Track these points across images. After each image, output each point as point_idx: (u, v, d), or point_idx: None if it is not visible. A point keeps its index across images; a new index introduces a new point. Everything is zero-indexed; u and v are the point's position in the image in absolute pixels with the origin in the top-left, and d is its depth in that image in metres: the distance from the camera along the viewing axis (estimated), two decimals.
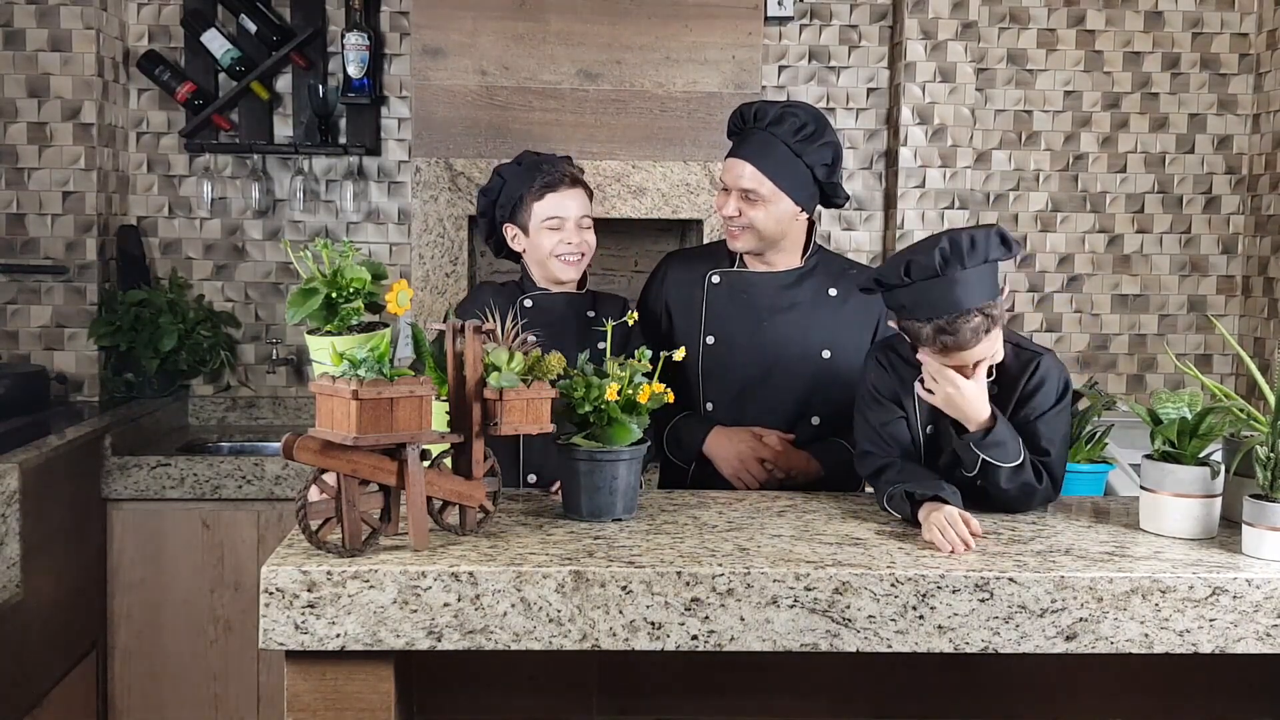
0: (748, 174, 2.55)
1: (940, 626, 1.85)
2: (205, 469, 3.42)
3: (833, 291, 2.66)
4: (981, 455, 2.15)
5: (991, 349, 2.17)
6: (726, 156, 2.61)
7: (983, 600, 1.85)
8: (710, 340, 2.64)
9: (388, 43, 4.01)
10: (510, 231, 2.71)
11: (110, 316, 3.74)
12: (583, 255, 2.67)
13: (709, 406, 2.65)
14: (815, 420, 2.64)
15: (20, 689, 2.93)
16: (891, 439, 2.28)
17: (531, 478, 2.61)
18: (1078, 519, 2.23)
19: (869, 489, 2.39)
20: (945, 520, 2.00)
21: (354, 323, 1.95)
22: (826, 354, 2.63)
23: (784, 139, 2.56)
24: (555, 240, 2.64)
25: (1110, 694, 2.12)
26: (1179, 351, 4.23)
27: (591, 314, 2.69)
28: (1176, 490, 2.09)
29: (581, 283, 2.74)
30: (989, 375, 2.22)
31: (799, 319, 2.64)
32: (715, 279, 2.69)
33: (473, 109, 3.56)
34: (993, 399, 2.21)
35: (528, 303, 2.65)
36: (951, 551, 1.96)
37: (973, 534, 2.00)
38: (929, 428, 2.28)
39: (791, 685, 2.09)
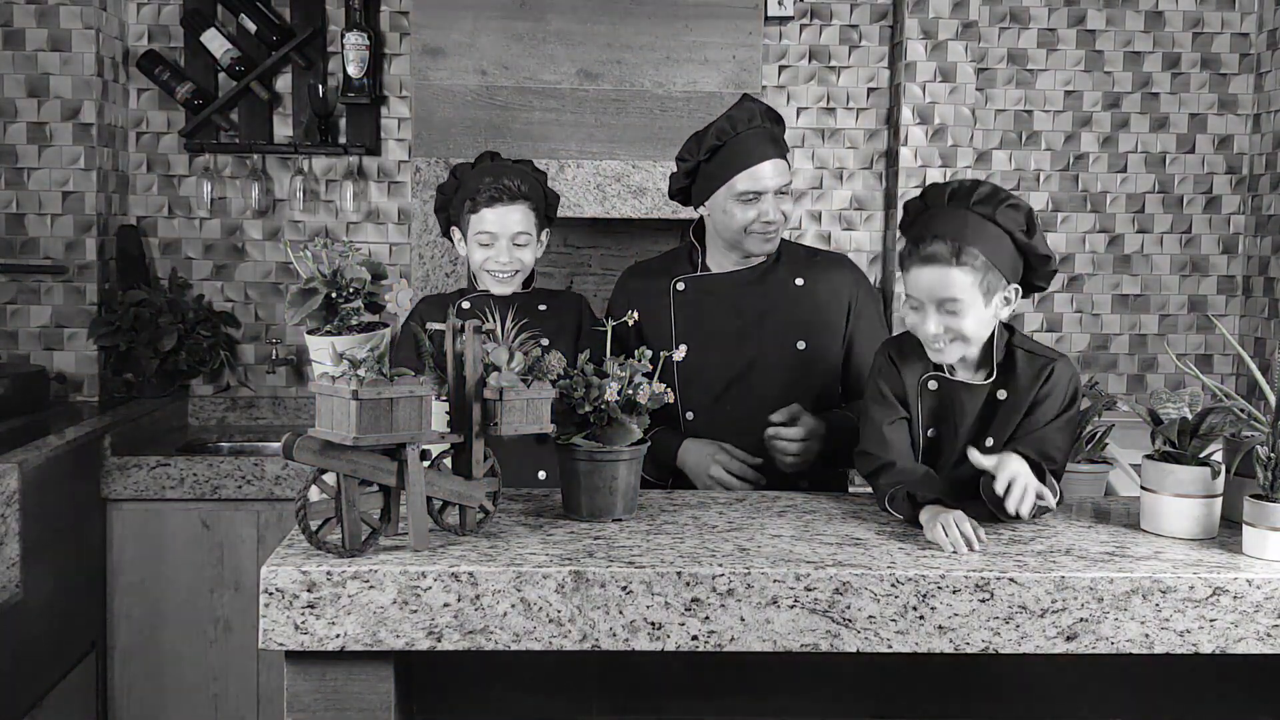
0: (786, 170, 2.59)
1: (940, 627, 1.85)
2: (205, 469, 3.42)
3: (799, 281, 2.66)
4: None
5: (957, 289, 2.11)
6: (747, 165, 2.55)
7: (983, 600, 1.85)
8: (683, 348, 2.62)
9: (388, 42, 4.01)
10: (455, 235, 2.75)
11: (110, 316, 3.74)
12: (515, 273, 2.67)
13: (689, 416, 2.64)
14: None
15: (20, 689, 2.93)
16: (893, 439, 2.25)
17: (542, 474, 2.61)
18: (1078, 519, 2.23)
19: (866, 488, 2.39)
20: (952, 520, 2.00)
21: (354, 323, 1.95)
22: (802, 345, 2.62)
23: (773, 129, 2.61)
24: (485, 256, 2.66)
25: (1110, 694, 2.12)
26: (1179, 351, 4.23)
27: (543, 308, 2.69)
28: (1177, 491, 2.08)
29: (527, 282, 2.75)
30: (990, 375, 2.22)
31: (770, 314, 2.63)
32: (681, 286, 2.67)
33: (473, 109, 3.56)
34: (1003, 404, 2.20)
35: (465, 304, 2.65)
36: (954, 551, 1.96)
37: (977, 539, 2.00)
38: (930, 430, 2.27)
39: (791, 685, 2.09)
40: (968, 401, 2.22)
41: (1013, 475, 2.04)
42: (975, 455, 2.09)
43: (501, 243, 2.64)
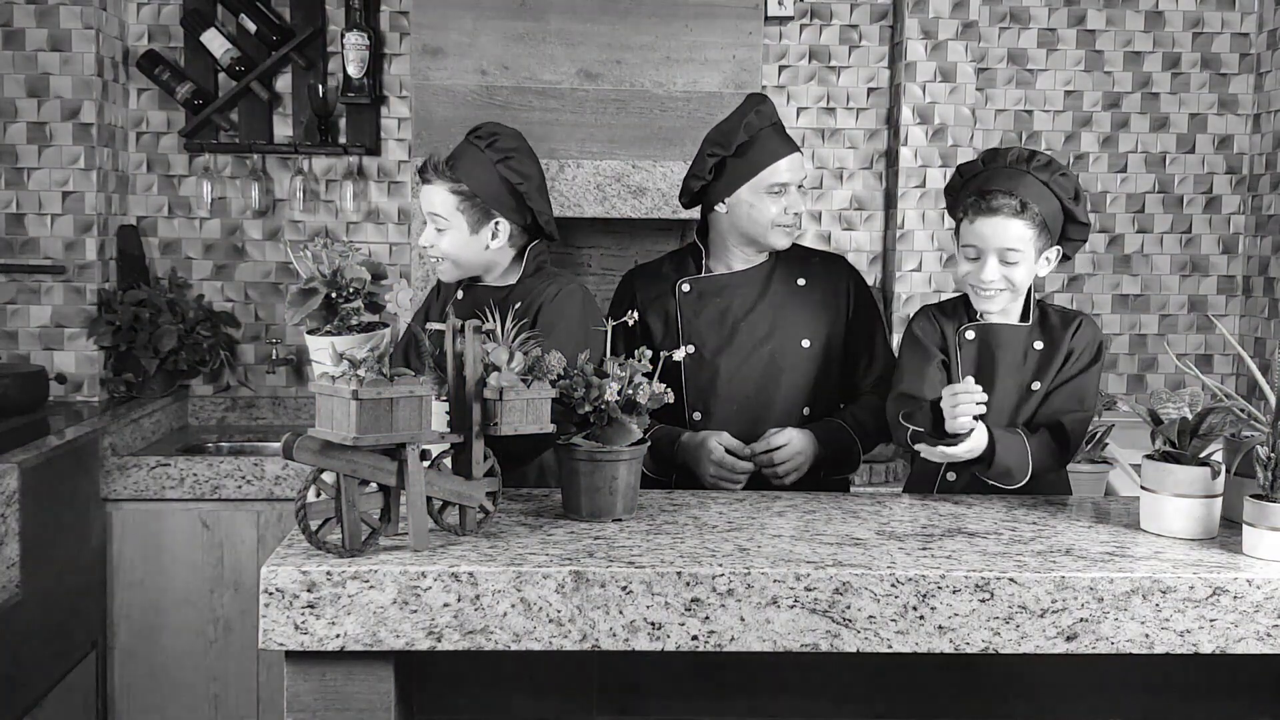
0: (803, 165, 2.65)
1: (941, 627, 1.85)
2: (205, 469, 3.42)
3: (801, 281, 2.69)
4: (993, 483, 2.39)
5: (1017, 239, 2.33)
6: (777, 159, 2.58)
7: (983, 600, 1.85)
8: (690, 349, 2.63)
9: (388, 42, 4.01)
10: None
11: (110, 316, 3.74)
12: (442, 260, 2.49)
13: (696, 416, 2.65)
14: (807, 411, 2.65)
15: (20, 689, 2.93)
16: (930, 379, 2.41)
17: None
18: (1078, 519, 2.23)
19: (866, 488, 2.41)
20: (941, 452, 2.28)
21: (354, 323, 1.95)
22: (806, 343, 2.64)
23: (778, 126, 2.65)
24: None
25: (1110, 694, 2.12)
26: (1179, 351, 4.23)
27: (518, 305, 2.53)
28: (1177, 490, 2.08)
29: (526, 273, 2.59)
30: (1032, 328, 2.41)
31: (774, 313, 2.65)
32: (686, 287, 2.68)
33: (473, 109, 3.56)
34: (1041, 353, 2.39)
35: (459, 294, 2.64)
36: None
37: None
38: (971, 379, 2.39)
39: (791, 685, 2.09)
40: (1007, 345, 2.40)
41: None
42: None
43: (428, 222, 2.51)
